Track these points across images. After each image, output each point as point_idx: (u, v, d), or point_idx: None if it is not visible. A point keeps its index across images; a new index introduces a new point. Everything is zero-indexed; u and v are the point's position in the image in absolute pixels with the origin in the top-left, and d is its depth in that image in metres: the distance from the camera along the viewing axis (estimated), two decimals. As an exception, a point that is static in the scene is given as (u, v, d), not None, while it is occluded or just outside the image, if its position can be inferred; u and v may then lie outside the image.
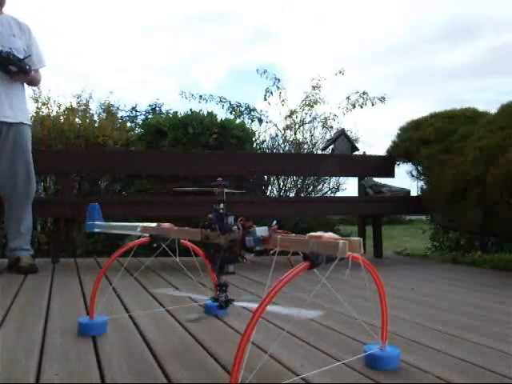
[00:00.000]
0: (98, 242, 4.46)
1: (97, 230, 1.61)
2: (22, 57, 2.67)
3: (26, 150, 2.76)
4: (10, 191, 2.74)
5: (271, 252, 0.98)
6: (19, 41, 2.72)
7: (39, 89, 4.82)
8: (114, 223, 1.63)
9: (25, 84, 2.84)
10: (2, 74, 2.63)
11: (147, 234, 1.46)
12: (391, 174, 4.08)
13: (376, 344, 1.16)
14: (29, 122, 2.82)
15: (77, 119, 5.12)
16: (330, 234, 0.92)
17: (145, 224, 1.50)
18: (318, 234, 0.92)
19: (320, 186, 5.47)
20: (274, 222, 1.02)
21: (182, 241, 1.45)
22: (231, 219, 1.14)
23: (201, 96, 5.68)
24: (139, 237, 1.48)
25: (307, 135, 5.59)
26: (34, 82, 2.91)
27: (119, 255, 1.40)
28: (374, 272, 1.05)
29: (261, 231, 1.02)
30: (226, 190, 1.23)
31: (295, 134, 5.56)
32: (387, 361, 1.13)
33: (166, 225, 1.44)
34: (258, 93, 5.71)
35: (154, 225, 1.46)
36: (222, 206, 1.20)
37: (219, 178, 1.26)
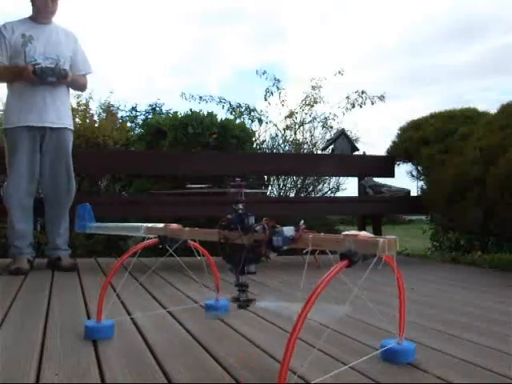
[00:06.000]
0: (98, 243, 4.46)
1: (89, 231, 1.60)
2: (66, 64, 2.81)
3: (67, 153, 2.86)
4: (52, 192, 2.83)
5: (304, 251, 0.98)
6: (65, 48, 2.85)
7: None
8: (111, 224, 1.61)
9: (70, 89, 2.94)
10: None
11: (152, 236, 1.44)
12: (391, 174, 4.08)
13: (392, 339, 1.19)
14: (71, 127, 2.92)
15: (77, 119, 5.12)
16: (364, 233, 0.92)
17: (149, 225, 1.48)
18: (354, 232, 0.93)
19: (320, 186, 5.47)
20: (302, 222, 1.03)
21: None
22: (252, 219, 1.14)
23: (201, 97, 5.68)
24: (143, 238, 1.46)
25: (307, 135, 5.59)
26: (78, 87, 3.02)
27: (128, 257, 1.39)
28: (398, 271, 1.10)
29: (288, 231, 1.02)
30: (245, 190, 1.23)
31: (295, 133, 5.56)
32: (405, 354, 1.17)
33: (174, 225, 1.42)
34: (260, 93, 5.70)
35: (160, 225, 1.44)
36: (240, 206, 1.19)
37: (237, 179, 1.25)
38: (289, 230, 1.02)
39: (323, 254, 0.98)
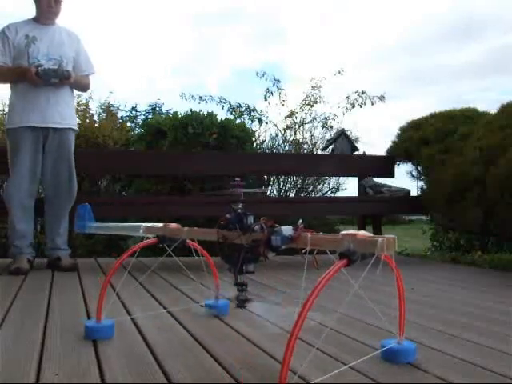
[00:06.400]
0: (98, 243, 4.46)
1: (88, 230, 1.60)
2: (69, 64, 2.82)
3: (69, 153, 2.87)
4: (53, 192, 2.84)
5: (303, 251, 0.98)
6: (68, 49, 2.85)
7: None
8: (111, 224, 1.61)
9: (74, 90, 2.96)
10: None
11: (151, 235, 1.44)
12: (391, 174, 4.08)
13: (393, 339, 1.19)
14: (75, 127, 2.94)
15: (77, 119, 5.12)
16: (363, 232, 0.92)
17: (148, 224, 1.48)
18: (352, 231, 0.93)
19: (320, 186, 5.48)
20: (300, 221, 1.03)
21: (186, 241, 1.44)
22: (251, 219, 1.14)
23: (201, 97, 5.68)
24: (142, 238, 1.46)
25: (307, 135, 5.59)
26: (81, 87, 3.03)
27: (128, 256, 1.38)
28: (397, 271, 1.11)
29: (286, 230, 1.02)
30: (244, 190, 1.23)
31: (295, 133, 5.56)
32: (406, 354, 1.17)
33: (173, 225, 1.42)
34: (260, 93, 5.71)
35: (159, 225, 1.44)
36: (240, 206, 1.19)
37: (237, 179, 1.25)
38: (287, 230, 1.02)
39: (321, 253, 0.98)
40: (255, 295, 1.35)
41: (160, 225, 1.44)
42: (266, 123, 5.58)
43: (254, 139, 5.16)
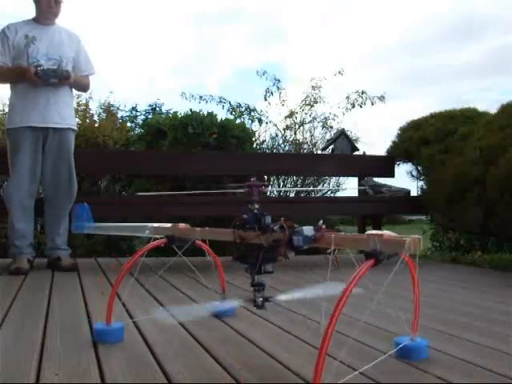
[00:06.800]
0: (98, 243, 4.46)
1: (87, 231, 1.58)
2: (68, 64, 2.82)
3: (69, 153, 2.88)
4: (53, 192, 2.85)
5: (327, 251, 0.98)
6: (68, 49, 2.86)
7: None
8: (112, 224, 1.60)
9: (73, 90, 2.96)
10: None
11: (159, 236, 1.41)
12: (391, 174, 4.08)
13: (406, 336, 1.21)
14: (74, 127, 2.95)
15: (77, 119, 5.12)
16: (388, 232, 0.92)
17: (155, 224, 1.46)
18: (378, 232, 0.92)
19: (320, 186, 5.47)
20: (321, 221, 1.02)
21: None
22: (269, 219, 1.14)
23: (201, 97, 5.68)
24: (149, 238, 1.44)
25: (307, 135, 5.59)
26: (81, 87, 3.03)
27: (137, 258, 1.37)
28: (414, 271, 1.14)
29: (308, 230, 1.02)
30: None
31: (295, 133, 5.56)
32: (419, 351, 1.19)
33: (182, 225, 1.40)
34: (260, 93, 5.72)
35: (168, 225, 1.43)
36: (256, 206, 1.18)
37: (253, 178, 1.24)
38: (308, 230, 1.02)
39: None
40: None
41: (169, 225, 1.42)
42: (266, 123, 5.59)
43: (253, 139, 5.16)
